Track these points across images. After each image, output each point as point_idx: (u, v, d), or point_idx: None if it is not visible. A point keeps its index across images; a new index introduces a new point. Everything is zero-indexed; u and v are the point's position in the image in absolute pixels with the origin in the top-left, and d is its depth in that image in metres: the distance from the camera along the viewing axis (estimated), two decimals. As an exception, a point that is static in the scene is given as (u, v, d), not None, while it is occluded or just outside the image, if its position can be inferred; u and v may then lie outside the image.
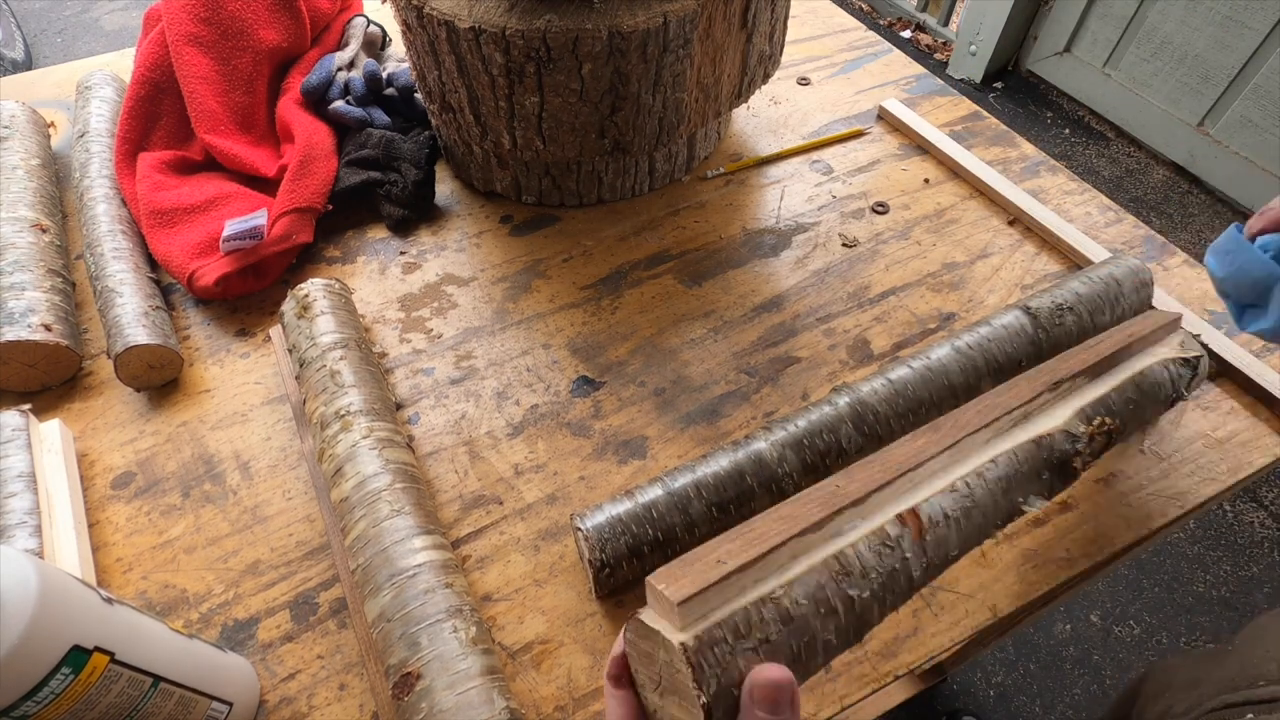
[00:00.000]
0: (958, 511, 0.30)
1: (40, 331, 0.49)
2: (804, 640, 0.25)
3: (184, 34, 0.59)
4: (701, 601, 0.23)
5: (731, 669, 0.23)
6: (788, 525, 0.27)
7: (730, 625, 0.23)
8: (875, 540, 0.27)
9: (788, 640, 0.24)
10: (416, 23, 0.52)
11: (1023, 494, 0.32)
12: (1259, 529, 1.21)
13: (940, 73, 2.05)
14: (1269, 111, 1.50)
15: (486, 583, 0.43)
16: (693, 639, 0.22)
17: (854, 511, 0.28)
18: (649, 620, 0.24)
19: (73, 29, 2.26)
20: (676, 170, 0.66)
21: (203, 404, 0.51)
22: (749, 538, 0.26)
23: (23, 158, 0.60)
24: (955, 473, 0.31)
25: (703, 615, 0.23)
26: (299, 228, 0.57)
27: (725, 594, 0.24)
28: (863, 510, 0.28)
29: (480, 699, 0.34)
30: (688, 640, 0.22)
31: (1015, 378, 0.37)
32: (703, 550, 0.26)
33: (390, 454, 0.43)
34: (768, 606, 0.24)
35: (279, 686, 0.39)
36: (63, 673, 0.27)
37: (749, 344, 0.54)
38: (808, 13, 0.86)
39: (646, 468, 0.48)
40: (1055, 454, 0.34)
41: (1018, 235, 0.62)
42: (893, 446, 0.32)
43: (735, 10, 0.53)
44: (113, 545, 0.44)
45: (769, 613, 0.24)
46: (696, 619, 0.23)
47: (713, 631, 0.23)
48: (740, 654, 0.23)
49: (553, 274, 0.59)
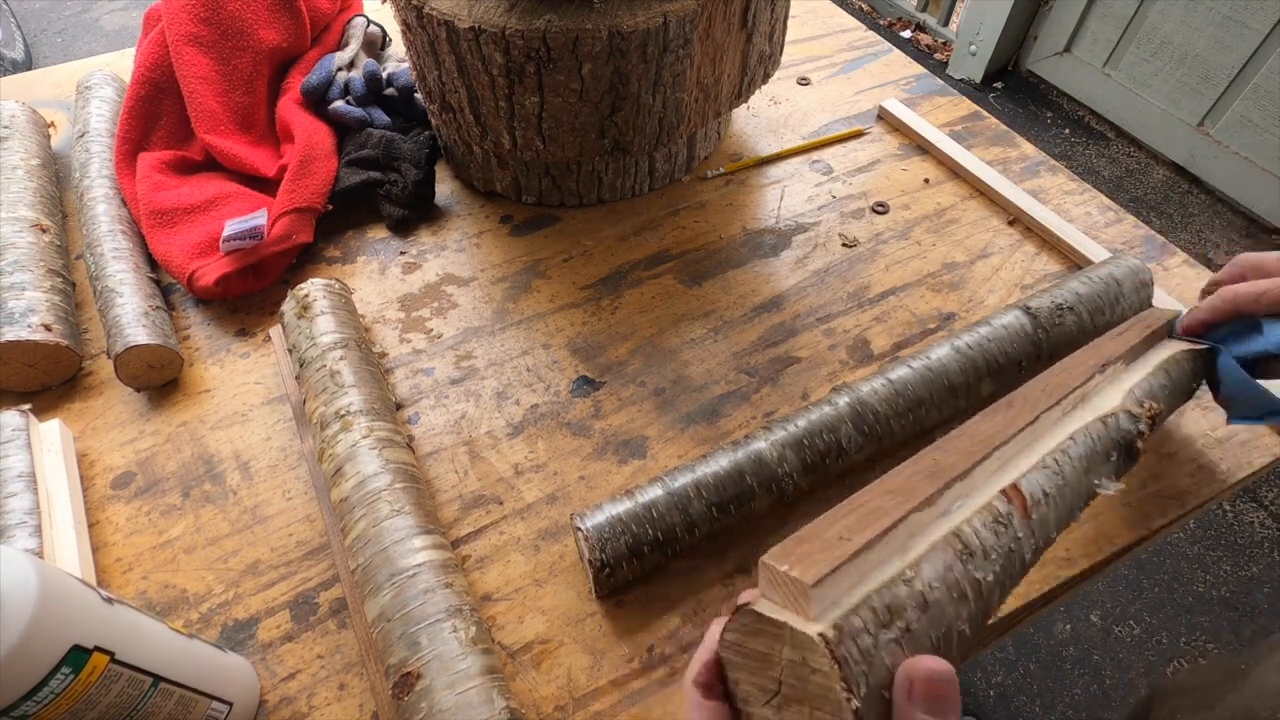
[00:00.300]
0: (1053, 489, 0.27)
1: (40, 331, 0.49)
2: (941, 630, 0.21)
3: (184, 34, 0.59)
4: (830, 585, 0.19)
5: (878, 666, 0.19)
6: (898, 500, 0.23)
7: (870, 612, 0.19)
8: (989, 518, 0.24)
9: (927, 630, 0.20)
10: (416, 23, 0.52)
11: (1097, 475, 0.31)
12: (1259, 529, 1.21)
13: (940, 73, 2.05)
14: (1269, 111, 1.50)
15: (486, 583, 0.43)
16: (832, 629, 0.18)
17: (960, 487, 0.25)
18: (768, 611, 0.19)
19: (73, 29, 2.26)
20: (676, 170, 0.66)
21: (203, 404, 0.51)
22: (862, 512, 0.23)
23: (23, 158, 0.60)
24: (1040, 449, 0.28)
25: (833, 602, 0.19)
26: (299, 228, 0.57)
27: (852, 576, 0.20)
28: (967, 486, 0.25)
29: (480, 699, 0.34)
30: (827, 631, 0.18)
31: (1060, 361, 0.36)
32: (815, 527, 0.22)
33: (390, 454, 0.43)
34: (901, 589, 0.20)
35: (279, 686, 0.39)
36: (63, 673, 0.27)
37: (749, 344, 0.54)
38: (808, 13, 0.86)
39: (646, 468, 0.48)
40: (1120, 434, 0.32)
41: (1018, 235, 0.62)
42: (974, 420, 0.30)
43: (735, 10, 0.53)
44: (113, 545, 0.44)
45: (905, 597, 0.20)
46: (828, 606, 0.19)
47: (852, 620, 0.19)
48: (883, 647, 0.19)
49: (553, 274, 0.59)
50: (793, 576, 0.19)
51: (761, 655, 0.20)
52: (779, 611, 0.19)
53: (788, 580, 0.19)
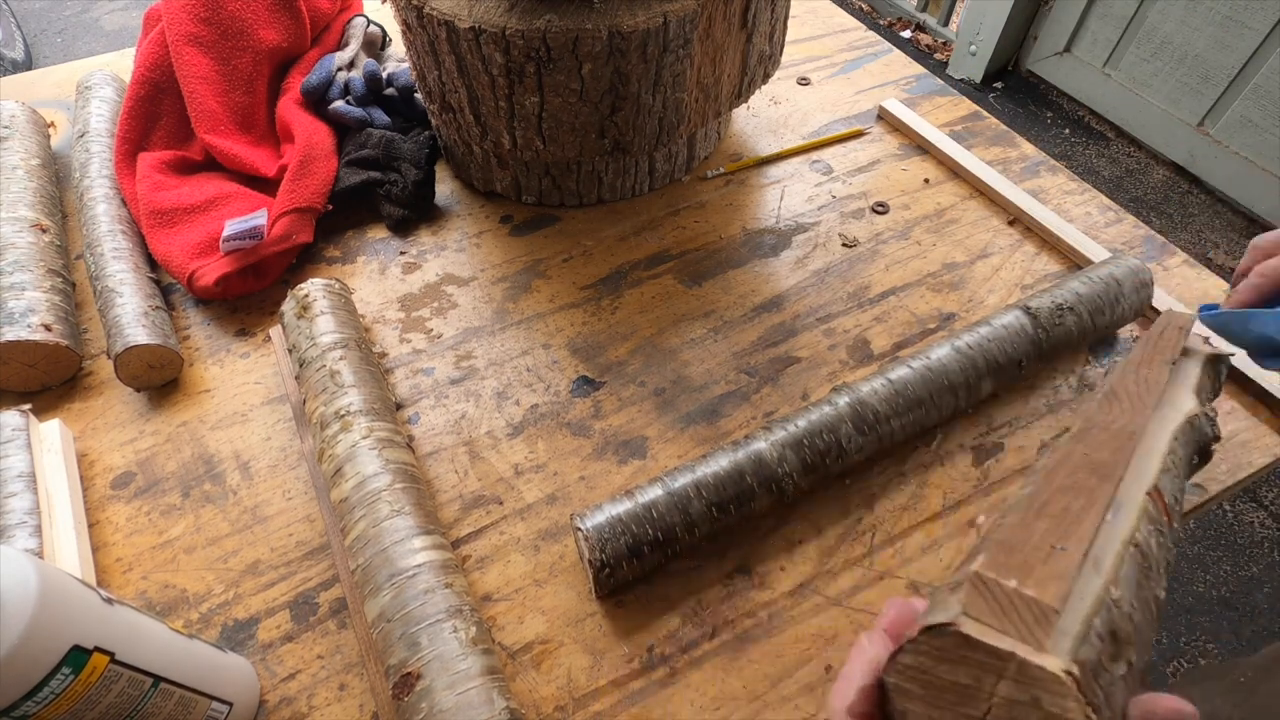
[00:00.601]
0: (1177, 491, 0.24)
1: (40, 331, 0.49)
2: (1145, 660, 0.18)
3: (184, 34, 0.59)
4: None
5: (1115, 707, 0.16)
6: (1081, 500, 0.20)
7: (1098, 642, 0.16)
8: (1150, 526, 0.21)
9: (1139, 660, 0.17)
10: (416, 23, 0.52)
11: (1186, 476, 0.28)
12: (1259, 529, 1.21)
13: (940, 73, 2.05)
14: (1269, 111, 1.50)
15: (486, 583, 0.43)
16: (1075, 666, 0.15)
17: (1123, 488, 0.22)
18: (983, 637, 0.16)
19: (73, 29, 2.26)
20: (676, 170, 0.66)
21: (203, 404, 0.51)
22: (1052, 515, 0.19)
23: (23, 158, 0.60)
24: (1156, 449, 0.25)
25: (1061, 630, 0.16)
26: (299, 228, 0.57)
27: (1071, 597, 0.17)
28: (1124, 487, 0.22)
29: (480, 699, 0.34)
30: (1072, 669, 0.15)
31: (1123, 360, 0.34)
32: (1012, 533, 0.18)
33: (390, 454, 0.43)
34: (1114, 612, 0.17)
35: (279, 686, 0.39)
36: (63, 673, 0.27)
37: (749, 344, 0.54)
38: (808, 13, 0.86)
39: (646, 468, 0.48)
40: (1201, 435, 0.30)
41: (1018, 235, 0.62)
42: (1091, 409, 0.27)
43: (735, 10, 0.53)
44: (113, 545, 0.44)
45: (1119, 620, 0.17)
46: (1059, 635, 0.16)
47: (1084, 651, 0.16)
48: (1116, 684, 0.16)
49: (553, 274, 0.59)
50: (1031, 597, 0.16)
51: (960, 688, 0.16)
52: (997, 638, 0.16)
53: (1020, 601, 0.16)
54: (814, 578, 0.43)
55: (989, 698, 0.16)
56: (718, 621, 0.41)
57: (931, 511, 0.45)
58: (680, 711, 0.38)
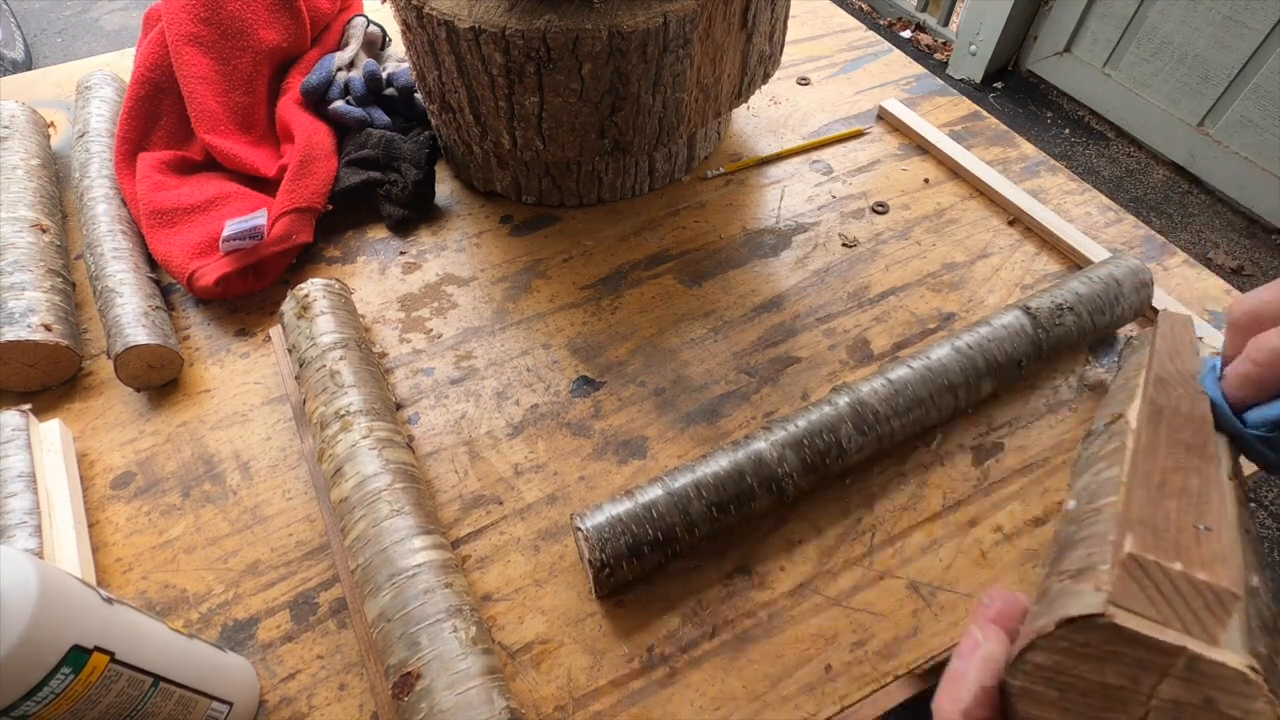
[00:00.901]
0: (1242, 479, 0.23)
1: (40, 331, 0.49)
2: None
3: (184, 34, 0.59)
4: None
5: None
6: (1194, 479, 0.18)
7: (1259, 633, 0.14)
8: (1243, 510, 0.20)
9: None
10: (416, 23, 0.52)
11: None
12: (1259, 529, 1.21)
13: (940, 73, 2.05)
14: (1269, 111, 1.50)
15: (486, 583, 0.43)
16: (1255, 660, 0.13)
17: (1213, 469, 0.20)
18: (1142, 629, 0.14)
19: (73, 29, 2.26)
20: (676, 170, 0.66)
21: (203, 404, 0.51)
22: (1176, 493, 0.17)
23: (23, 158, 0.60)
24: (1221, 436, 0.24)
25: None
26: (299, 228, 0.57)
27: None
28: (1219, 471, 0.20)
29: (480, 699, 0.34)
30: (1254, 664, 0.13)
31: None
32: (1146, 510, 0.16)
33: (390, 454, 0.43)
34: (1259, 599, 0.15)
35: (279, 686, 0.39)
36: (63, 673, 0.27)
37: (749, 344, 0.54)
38: (808, 13, 0.86)
39: (646, 468, 0.48)
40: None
41: (1018, 235, 0.62)
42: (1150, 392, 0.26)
43: (735, 10, 0.53)
44: (113, 545, 0.44)
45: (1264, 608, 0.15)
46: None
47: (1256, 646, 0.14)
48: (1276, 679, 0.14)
49: (553, 274, 0.59)
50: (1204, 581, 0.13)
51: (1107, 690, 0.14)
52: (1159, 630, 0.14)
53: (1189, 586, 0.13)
54: (814, 578, 0.43)
55: (1146, 701, 0.14)
56: (718, 621, 0.41)
57: (931, 511, 0.45)
58: (680, 711, 0.38)
